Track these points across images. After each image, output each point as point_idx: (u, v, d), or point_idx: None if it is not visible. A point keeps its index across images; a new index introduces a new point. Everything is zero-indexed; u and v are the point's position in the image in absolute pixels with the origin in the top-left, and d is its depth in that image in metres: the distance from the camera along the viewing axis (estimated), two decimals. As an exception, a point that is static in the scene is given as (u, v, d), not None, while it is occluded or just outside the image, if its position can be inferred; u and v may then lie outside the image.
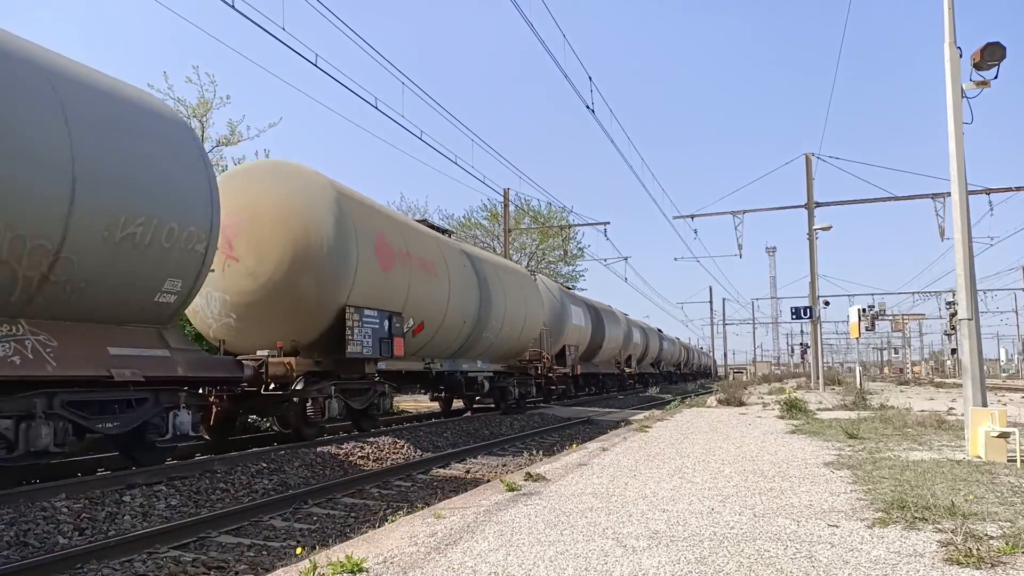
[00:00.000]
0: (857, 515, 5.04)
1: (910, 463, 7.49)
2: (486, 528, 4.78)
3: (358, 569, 3.77)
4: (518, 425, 17.33)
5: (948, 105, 8.78)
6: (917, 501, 5.17)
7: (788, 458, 8.16)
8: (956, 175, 8.66)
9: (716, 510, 5.29)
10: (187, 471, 8.40)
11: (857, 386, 23.30)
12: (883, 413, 14.40)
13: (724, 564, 3.83)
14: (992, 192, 25.43)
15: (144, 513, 6.94)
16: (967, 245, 8.55)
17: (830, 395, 24.81)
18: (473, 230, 42.86)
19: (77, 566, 5.27)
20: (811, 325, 31.17)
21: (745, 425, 12.74)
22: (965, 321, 8.38)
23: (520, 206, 40.14)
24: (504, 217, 33.50)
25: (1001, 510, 5.10)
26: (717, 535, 4.50)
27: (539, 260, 43.70)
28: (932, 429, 11.11)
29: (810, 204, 28.71)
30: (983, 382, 8.37)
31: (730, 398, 20.23)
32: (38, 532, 6.02)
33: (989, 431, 7.76)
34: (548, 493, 6.07)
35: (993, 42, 8.30)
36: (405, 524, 5.01)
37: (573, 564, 3.88)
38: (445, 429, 14.74)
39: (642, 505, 5.50)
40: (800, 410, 14.59)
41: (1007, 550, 3.95)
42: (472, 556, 4.07)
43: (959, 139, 8.74)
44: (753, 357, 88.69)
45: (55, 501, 6.63)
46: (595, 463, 7.87)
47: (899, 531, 4.54)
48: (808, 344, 45.34)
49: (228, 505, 7.61)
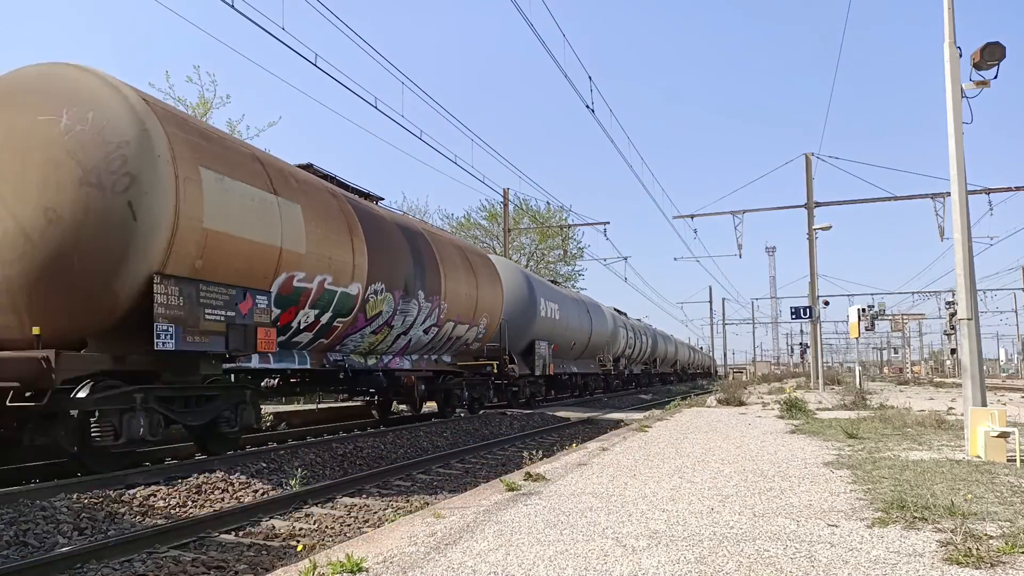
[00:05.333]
0: (857, 515, 5.04)
1: (910, 463, 7.50)
2: (486, 528, 4.78)
3: (358, 569, 3.77)
4: (518, 425, 17.32)
5: (948, 105, 8.78)
6: (917, 501, 5.17)
7: (788, 458, 8.16)
8: (956, 175, 8.66)
9: (716, 510, 5.29)
10: (186, 471, 8.40)
11: (857, 386, 23.28)
12: (883, 413, 14.40)
13: (724, 564, 3.83)
14: (992, 192, 25.47)
15: (144, 513, 6.94)
16: (967, 245, 8.55)
17: (830, 395, 24.82)
18: (472, 230, 42.89)
19: (77, 566, 5.27)
20: (811, 325, 31.20)
21: (745, 425, 12.74)
22: (965, 321, 8.38)
23: (519, 206, 40.19)
24: (504, 217, 33.51)
25: (1000, 510, 5.10)
26: (717, 535, 4.50)
27: (538, 260, 43.74)
28: (932, 429, 11.12)
29: (810, 204, 28.72)
30: (983, 382, 8.37)
31: (730, 398, 20.22)
32: (38, 532, 6.02)
33: (989, 431, 7.77)
34: (548, 493, 6.07)
35: (993, 42, 8.29)
36: (405, 524, 5.01)
37: (573, 564, 3.88)
38: (445, 429, 14.74)
39: (642, 505, 5.50)
40: (800, 410, 14.59)
41: (1007, 550, 3.95)
42: (472, 556, 4.07)
43: (959, 139, 8.74)
44: (753, 357, 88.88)
45: (55, 501, 6.63)
46: (595, 463, 7.88)
47: (899, 531, 4.54)
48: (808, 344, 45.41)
49: (228, 505, 7.61)
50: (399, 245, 13.13)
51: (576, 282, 45.03)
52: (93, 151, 7.76)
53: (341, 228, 11.28)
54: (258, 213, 9.32)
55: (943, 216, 25.68)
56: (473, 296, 16.21)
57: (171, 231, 7.99)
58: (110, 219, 7.70)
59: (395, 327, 13.31)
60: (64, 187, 7.71)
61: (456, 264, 15.70)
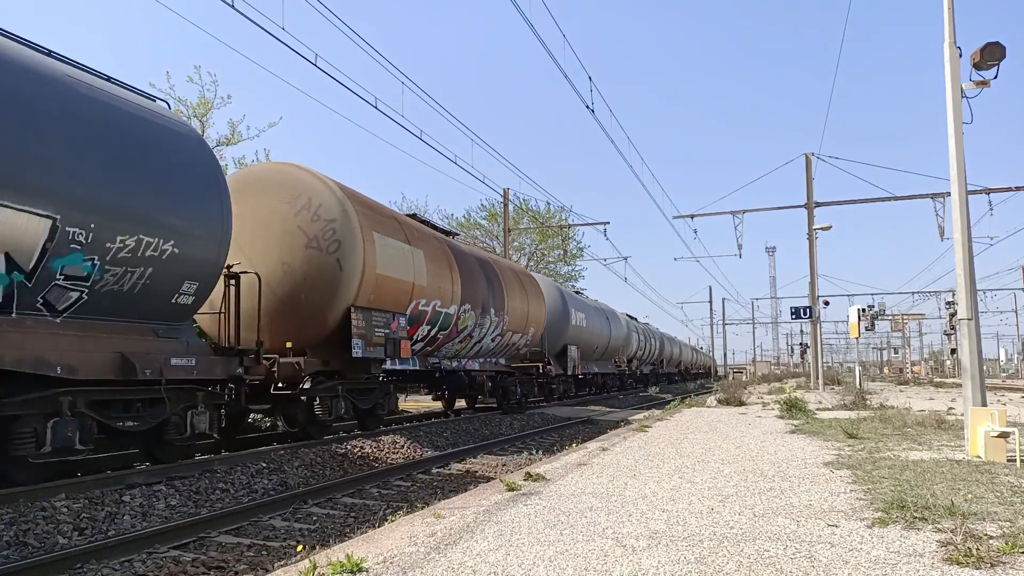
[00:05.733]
0: (857, 515, 5.04)
1: (910, 463, 7.50)
2: (486, 528, 4.78)
3: (358, 569, 3.77)
4: (518, 425, 17.32)
5: (948, 105, 8.78)
6: (917, 501, 5.17)
7: (788, 458, 8.16)
8: (956, 175, 8.66)
9: (716, 510, 5.29)
10: (187, 471, 8.40)
11: (857, 386, 23.28)
12: (883, 413, 14.40)
13: (724, 564, 3.83)
14: (992, 192, 25.45)
15: (144, 513, 6.94)
16: (967, 245, 8.55)
17: (830, 395, 24.82)
18: (472, 230, 42.84)
19: (77, 566, 5.27)
20: (811, 325, 31.18)
21: (745, 425, 12.74)
22: (965, 321, 8.38)
23: (519, 206, 40.17)
24: (504, 217, 33.50)
25: (1000, 510, 5.10)
26: (717, 535, 4.50)
27: (538, 260, 43.71)
28: (932, 429, 11.12)
29: (810, 204, 28.71)
30: (983, 382, 8.37)
31: (730, 398, 20.22)
32: (38, 532, 6.02)
33: (989, 431, 7.77)
34: (548, 493, 6.07)
35: (993, 42, 8.29)
36: (405, 524, 5.01)
37: (573, 564, 3.88)
38: (445, 429, 14.74)
39: (642, 505, 5.50)
40: (800, 410, 14.59)
41: (1006, 550, 3.95)
42: (472, 556, 4.07)
43: (959, 139, 8.74)
44: (753, 357, 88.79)
45: (55, 501, 6.63)
46: (595, 463, 7.88)
47: (899, 531, 4.54)
48: (808, 344, 45.39)
49: (228, 505, 7.61)
50: (478, 273, 16.70)
51: (576, 282, 45.04)
52: (313, 225, 11.41)
53: (445, 265, 14.90)
54: (401, 259, 12.88)
55: (943, 216, 25.68)
56: (525, 310, 19.68)
57: (360, 277, 11.46)
58: (325, 271, 11.28)
59: (474, 337, 16.63)
60: (295, 249, 11.37)
61: (513, 285, 19.21)
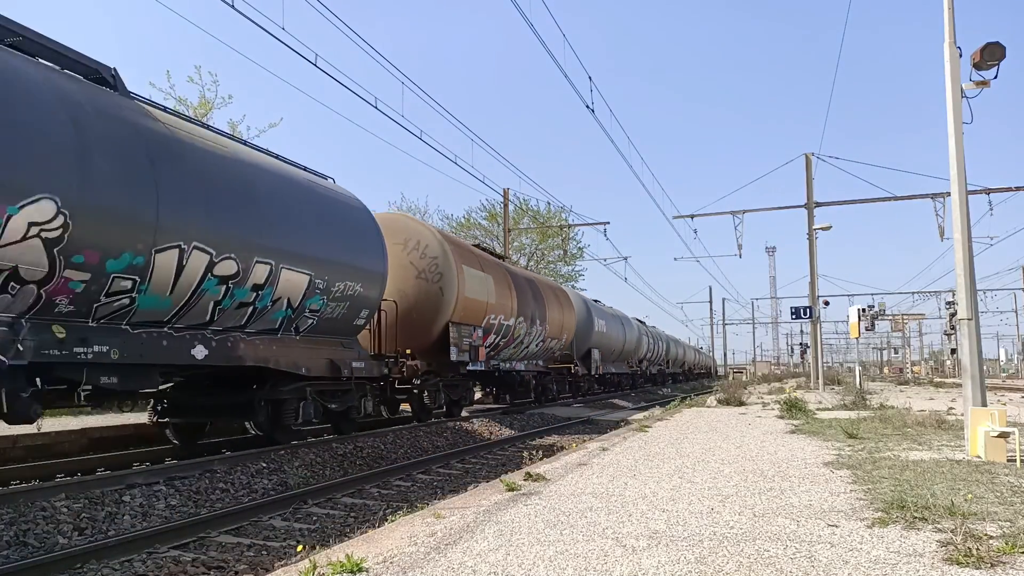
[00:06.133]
0: (857, 515, 5.04)
1: (910, 463, 7.50)
2: (486, 528, 4.78)
3: (358, 569, 3.77)
4: (518, 425, 17.34)
5: (948, 105, 8.78)
6: (917, 501, 5.17)
7: (788, 458, 8.16)
8: (956, 175, 8.66)
9: (716, 510, 5.29)
10: (187, 471, 8.40)
11: (857, 386, 23.27)
12: (883, 413, 14.40)
13: (724, 564, 3.83)
14: (992, 192, 25.43)
15: (144, 513, 6.94)
16: (967, 245, 8.55)
17: (830, 395, 24.82)
18: (473, 230, 42.82)
19: (77, 566, 5.27)
20: (811, 325, 31.18)
21: (745, 425, 12.74)
22: (965, 321, 8.38)
23: (519, 206, 40.16)
24: (504, 217, 33.51)
25: (1001, 510, 5.10)
26: (717, 535, 4.50)
27: (538, 260, 43.70)
28: (932, 429, 11.11)
29: (810, 204, 28.71)
30: (983, 382, 8.37)
31: (730, 398, 20.22)
32: (38, 532, 6.02)
33: (989, 431, 7.77)
34: (548, 493, 6.07)
35: (993, 42, 8.29)
36: (405, 524, 5.01)
37: (573, 564, 3.88)
38: (445, 429, 14.74)
39: (642, 505, 5.50)
40: (800, 410, 14.59)
41: (1007, 550, 3.95)
42: (472, 556, 4.07)
43: (959, 139, 8.74)
44: (753, 357, 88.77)
45: (55, 501, 6.63)
46: (595, 463, 7.88)
47: (899, 531, 4.54)
48: (808, 344, 45.40)
49: (228, 505, 7.60)
50: (526, 290, 20.33)
51: (576, 282, 45.03)
52: (421, 262, 15.43)
53: (505, 285, 18.54)
54: (479, 284, 16.63)
55: (943, 216, 25.68)
56: (560, 319, 23.08)
57: (456, 299, 15.26)
58: (431, 296, 15.23)
59: (524, 343, 20.18)
60: (407, 280, 15.30)
61: (551, 298, 22.72)
